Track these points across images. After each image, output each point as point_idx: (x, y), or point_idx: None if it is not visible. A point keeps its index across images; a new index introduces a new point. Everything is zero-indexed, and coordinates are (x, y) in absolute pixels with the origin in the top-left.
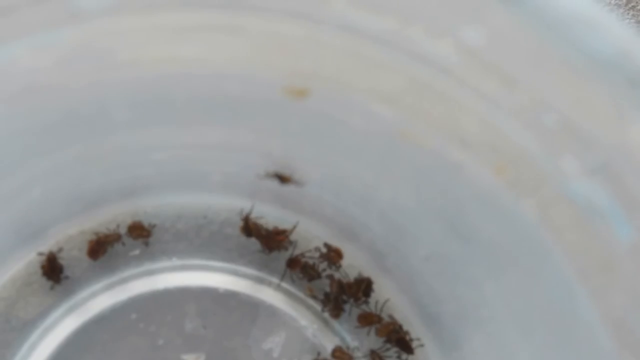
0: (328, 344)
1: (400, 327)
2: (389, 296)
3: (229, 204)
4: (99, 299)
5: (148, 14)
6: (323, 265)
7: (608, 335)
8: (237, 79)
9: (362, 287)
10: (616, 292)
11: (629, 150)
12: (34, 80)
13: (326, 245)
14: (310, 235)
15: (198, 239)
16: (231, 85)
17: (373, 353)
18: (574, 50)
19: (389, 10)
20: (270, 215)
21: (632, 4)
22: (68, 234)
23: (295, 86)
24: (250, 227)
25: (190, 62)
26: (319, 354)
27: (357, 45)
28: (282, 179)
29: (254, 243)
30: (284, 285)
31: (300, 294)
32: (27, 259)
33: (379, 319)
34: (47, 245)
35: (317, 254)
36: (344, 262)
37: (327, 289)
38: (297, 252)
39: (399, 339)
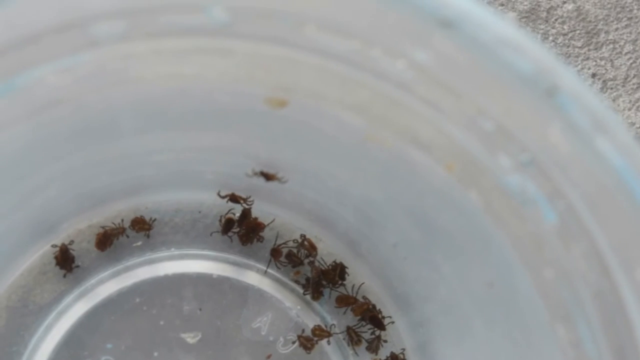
0: (310, 322)
1: (374, 306)
2: (363, 280)
3: (221, 200)
4: (106, 285)
5: (152, 40)
6: (305, 252)
7: (543, 305)
8: (227, 92)
9: (338, 272)
10: (546, 266)
11: (550, 148)
12: (57, 96)
13: (302, 237)
14: (293, 227)
15: (194, 231)
16: (222, 97)
17: (349, 329)
18: (503, 67)
19: (352, 35)
20: (256, 209)
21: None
22: (78, 228)
23: (276, 98)
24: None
25: (187, 79)
26: (303, 331)
27: (328, 63)
28: (267, 177)
29: None
30: (270, 271)
31: (285, 279)
32: (42, 251)
33: (354, 300)
34: (59, 238)
35: (296, 245)
36: (323, 250)
37: (309, 274)
38: (279, 242)
39: (372, 317)
